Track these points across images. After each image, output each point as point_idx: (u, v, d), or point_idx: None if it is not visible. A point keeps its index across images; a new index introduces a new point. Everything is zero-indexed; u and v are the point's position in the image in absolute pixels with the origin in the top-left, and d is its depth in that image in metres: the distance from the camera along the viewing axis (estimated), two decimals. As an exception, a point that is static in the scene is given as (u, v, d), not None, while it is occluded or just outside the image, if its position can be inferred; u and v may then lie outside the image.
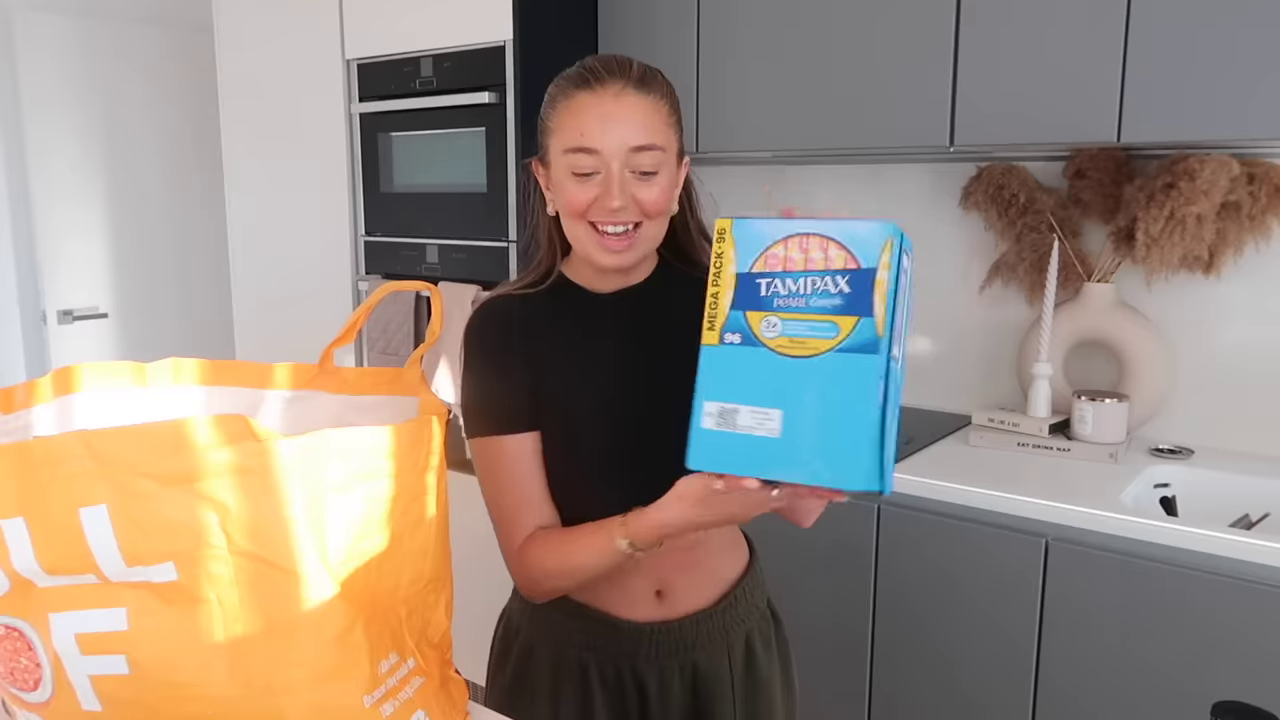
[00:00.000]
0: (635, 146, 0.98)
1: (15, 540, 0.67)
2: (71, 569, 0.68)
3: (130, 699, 0.71)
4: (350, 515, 0.76)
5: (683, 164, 1.08)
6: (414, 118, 2.33)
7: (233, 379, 0.94)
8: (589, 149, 0.98)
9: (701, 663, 1.12)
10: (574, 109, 1.00)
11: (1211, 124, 1.57)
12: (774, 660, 1.19)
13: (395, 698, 0.80)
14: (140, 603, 0.69)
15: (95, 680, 0.71)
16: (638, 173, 0.99)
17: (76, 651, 0.70)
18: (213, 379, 0.93)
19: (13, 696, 0.75)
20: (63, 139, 3.02)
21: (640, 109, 0.99)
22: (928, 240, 2.21)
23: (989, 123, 1.77)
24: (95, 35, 3.05)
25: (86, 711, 0.72)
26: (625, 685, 1.10)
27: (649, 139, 0.99)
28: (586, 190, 1.00)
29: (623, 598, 1.10)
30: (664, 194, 1.01)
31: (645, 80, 1.01)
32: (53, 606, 0.70)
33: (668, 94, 1.03)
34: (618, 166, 0.98)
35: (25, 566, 0.67)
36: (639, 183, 1.00)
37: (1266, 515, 1.66)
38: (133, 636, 0.69)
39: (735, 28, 2.05)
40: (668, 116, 1.02)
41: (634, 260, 1.05)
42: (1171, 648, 1.48)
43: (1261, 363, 1.85)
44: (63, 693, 0.72)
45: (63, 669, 0.71)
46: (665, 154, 1.01)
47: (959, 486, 1.66)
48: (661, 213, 1.03)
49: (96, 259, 3.14)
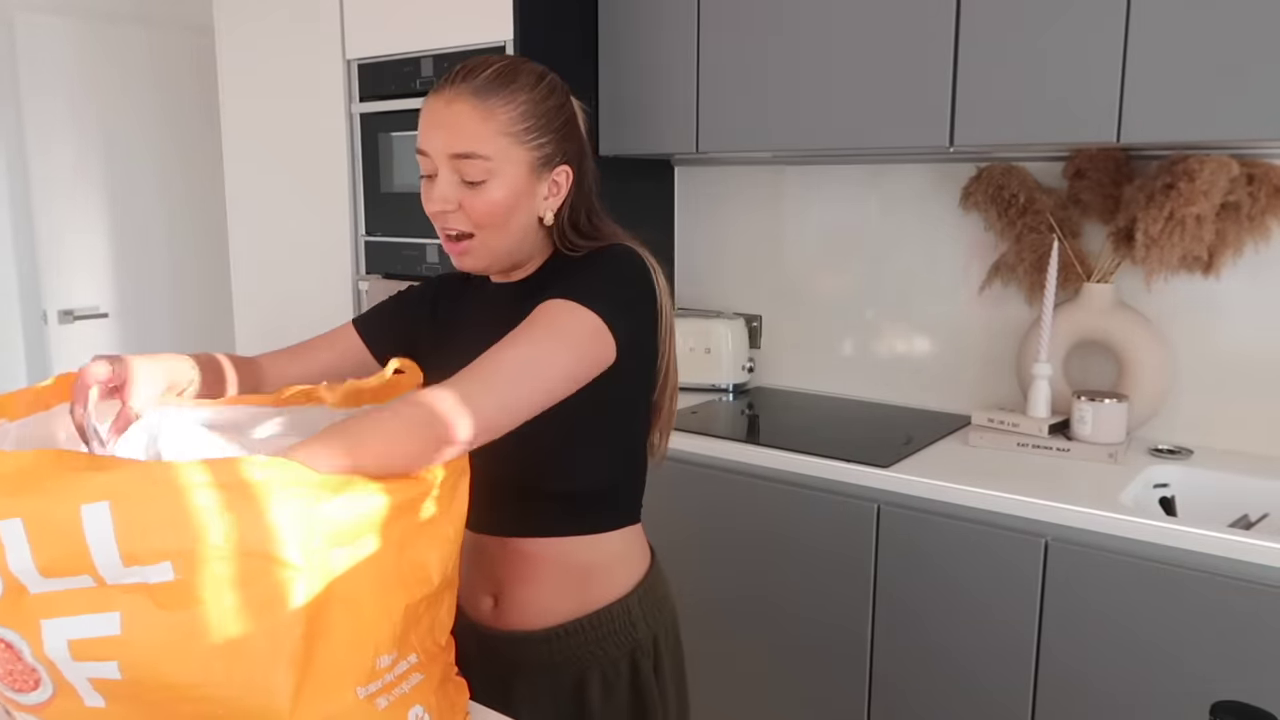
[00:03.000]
0: (455, 154, 0.99)
1: (12, 542, 0.67)
2: (67, 570, 0.68)
3: (131, 695, 0.71)
4: (351, 515, 0.76)
5: (557, 172, 1.05)
6: (414, 118, 2.31)
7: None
8: (421, 150, 1.02)
9: (519, 689, 1.09)
10: (422, 111, 1.03)
11: (1211, 124, 1.57)
12: (616, 713, 1.09)
13: (390, 693, 0.80)
14: (134, 606, 0.69)
15: (95, 682, 0.71)
16: (465, 181, 1.00)
17: (68, 658, 0.70)
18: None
19: (9, 700, 0.75)
20: (63, 139, 3.02)
21: (466, 117, 0.98)
22: (928, 240, 2.21)
23: (989, 123, 1.77)
24: (95, 36, 3.05)
25: (90, 708, 0.72)
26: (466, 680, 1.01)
27: (468, 147, 0.98)
28: (427, 193, 1.03)
29: (467, 592, 1.11)
30: (493, 205, 1.00)
31: (489, 87, 0.99)
32: (44, 613, 0.69)
33: (523, 101, 1.01)
34: (444, 170, 1.00)
35: (21, 568, 0.67)
36: (467, 190, 1.00)
37: (1266, 515, 1.66)
38: (125, 641, 0.69)
39: (735, 28, 2.06)
40: (507, 125, 0.99)
41: (477, 266, 1.06)
42: (1171, 648, 1.48)
43: (1261, 363, 1.85)
44: (64, 691, 0.72)
45: (60, 674, 0.71)
46: (492, 163, 0.99)
47: (959, 486, 1.66)
48: (494, 224, 1.02)
49: (97, 259, 3.14)
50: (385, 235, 2.46)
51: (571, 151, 1.07)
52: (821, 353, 2.42)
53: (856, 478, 1.77)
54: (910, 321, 2.28)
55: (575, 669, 1.08)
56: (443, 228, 1.04)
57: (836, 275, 2.37)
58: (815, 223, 2.39)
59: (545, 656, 1.08)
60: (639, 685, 1.10)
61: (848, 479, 1.78)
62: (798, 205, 2.41)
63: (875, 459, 1.79)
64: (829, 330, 2.40)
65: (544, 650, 1.08)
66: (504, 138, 1.00)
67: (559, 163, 1.05)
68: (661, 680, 1.12)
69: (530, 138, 1.02)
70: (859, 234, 2.32)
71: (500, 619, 1.10)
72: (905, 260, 2.25)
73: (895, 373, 2.31)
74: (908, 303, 2.27)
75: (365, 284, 2.50)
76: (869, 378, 2.35)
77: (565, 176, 1.06)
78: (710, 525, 1.94)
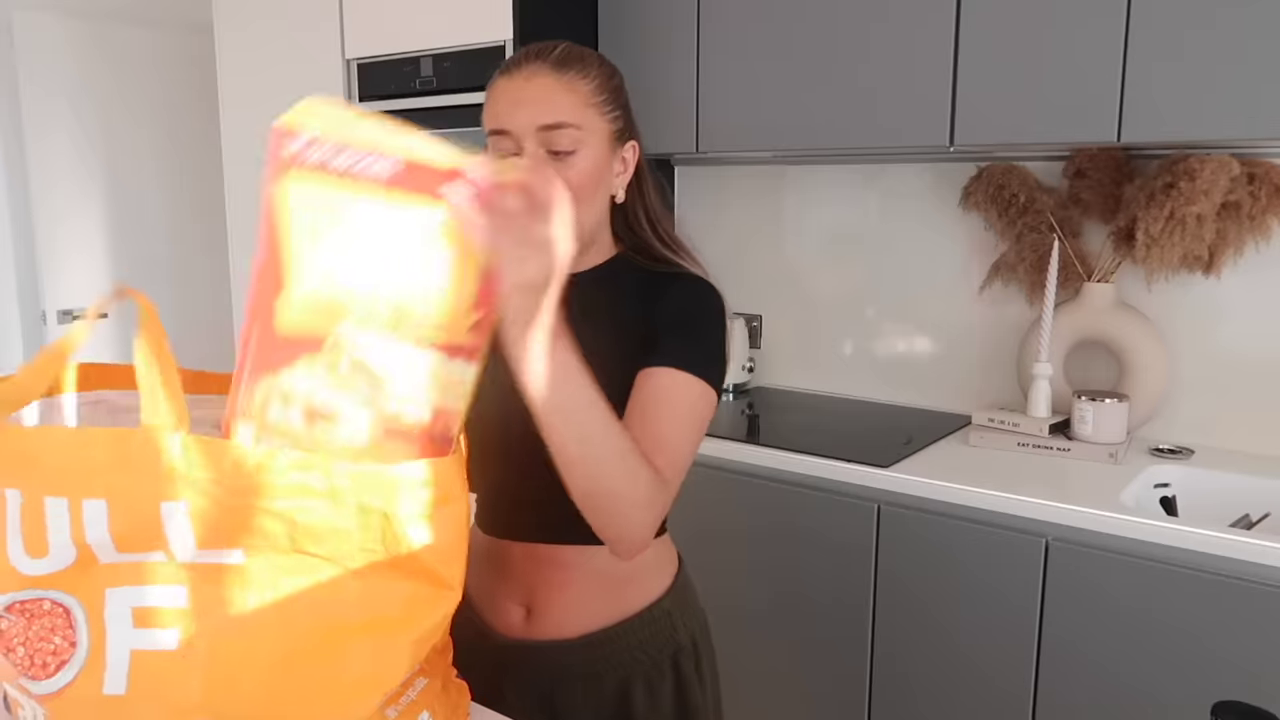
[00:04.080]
0: (544, 125, 0.98)
1: (93, 518, 0.69)
2: (142, 548, 0.70)
3: (162, 681, 0.72)
4: (401, 535, 0.76)
5: (626, 148, 1.06)
6: (414, 118, 2.32)
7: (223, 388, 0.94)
8: (501, 130, 1.00)
9: (561, 699, 1.08)
10: (494, 95, 1.02)
11: (1211, 124, 1.57)
12: (662, 716, 1.09)
13: (397, 703, 0.81)
14: (201, 583, 0.71)
15: (136, 657, 0.72)
16: (553, 152, 0.99)
17: (129, 623, 0.71)
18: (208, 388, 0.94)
19: (22, 689, 0.75)
20: (63, 139, 3.02)
21: (551, 89, 0.99)
22: (928, 240, 2.21)
23: (989, 123, 1.77)
24: (95, 36, 3.05)
25: (106, 696, 0.72)
26: (493, 700, 1.01)
27: (558, 117, 0.98)
28: None
29: (493, 607, 1.10)
30: (583, 175, 1.00)
31: (565, 61, 1.01)
32: (111, 582, 0.71)
33: (595, 75, 1.02)
34: (531, 146, 0.99)
35: (97, 540, 0.69)
36: (556, 163, 0.99)
37: (1267, 515, 1.66)
38: (190, 613, 0.71)
39: (735, 27, 2.05)
40: (589, 96, 1.01)
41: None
42: (1171, 648, 1.48)
43: (1262, 362, 1.85)
44: (88, 674, 0.72)
45: (102, 647, 0.72)
46: (582, 132, 1.00)
47: (959, 486, 1.66)
48: (583, 196, 1.00)
49: (96, 259, 3.14)
50: (385, 235, 2.46)
51: (635, 130, 1.08)
52: (821, 352, 2.42)
53: (857, 477, 1.77)
54: (910, 321, 2.28)
55: (618, 675, 1.08)
56: None
57: (837, 275, 2.37)
58: (815, 222, 2.39)
59: (586, 664, 1.07)
60: (682, 687, 1.10)
61: (848, 479, 1.78)
62: (798, 205, 2.41)
63: (875, 459, 1.79)
64: (829, 330, 2.40)
65: (584, 658, 1.07)
66: (588, 108, 1.01)
67: (628, 138, 1.06)
68: (703, 680, 1.13)
69: (608, 109, 1.03)
70: (859, 234, 2.32)
71: (534, 629, 1.08)
72: (905, 260, 2.25)
73: (895, 373, 2.31)
74: (908, 302, 2.27)
75: (365, 284, 2.50)
76: (869, 378, 2.35)
77: (633, 152, 1.07)
78: (710, 525, 1.94)
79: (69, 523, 0.69)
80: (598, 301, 1.04)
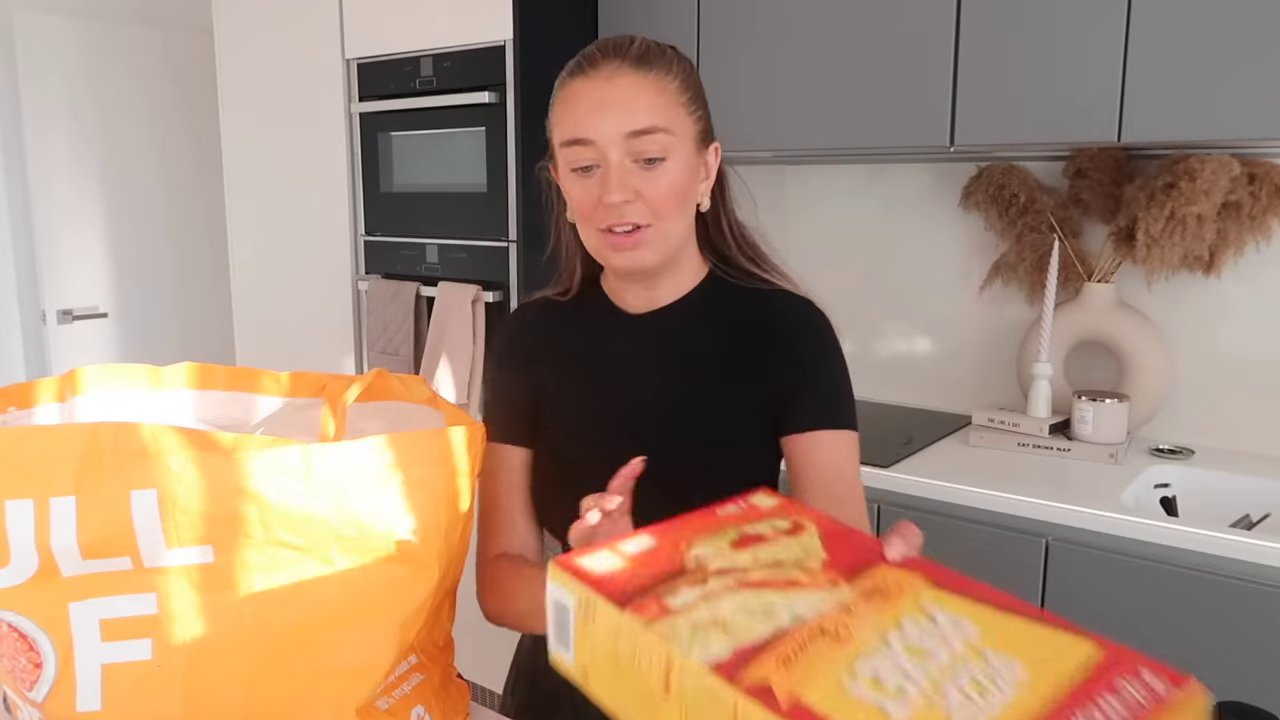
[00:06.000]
0: (633, 131, 0.88)
1: (60, 519, 0.67)
2: (109, 552, 0.69)
3: (140, 694, 0.71)
4: (377, 517, 0.76)
5: (709, 150, 0.98)
6: (414, 117, 2.32)
7: (240, 384, 0.94)
8: (582, 139, 0.90)
9: None
10: (568, 98, 0.92)
11: (1212, 124, 1.57)
12: None
13: (391, 695, 0.80)
14: (171, 587, 0.70)
15: (108, 671, 0.71)
16: (641, 161, 0.89)
17: (97, 639, 0.70)
18: (225, 384, 0.93)
19: (19, 694, 0.75)
20: (62, 138, 3.01)
21: (638, 89, 0.89)
22: (928, 240, 2.21)
23: (989, 123, 1.77)
24: (95, 35, 3.05)
25: (81, 713, 0.71)
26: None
27: (648, 121, 0.89)
28: (589, 189, 0.91)
29: None
30: (674, 186, 0.91)
31: (646, 58, 0.91)
32: (74, 596, 0.70)
33: (679, 71, 0.93)
34: (616, 156, 0.89)
35: (62, 547, 0.68)
36: (644, 174, 0.90)
37: (1267, 515, 1.66)
38: (161, 620, 0.70)
39: (736, 27, 2.05)
40: (676, 95, 0.92)
41: (650, 260, 0.94)
42: (1172, 648, 1.48)
43: (1262, 363, 1.85)
44: (58, 693, 0.71)
45: (70, 665, 0.71)
46: (673, 137, 0.90)
47: (959, 486, 1.66)
48: (675, 208, 0.92)
49: (96, 258, 3.14)
50: (385, 235, 2.46)
51: (713, 130, 0.99)
52: (822, 352, 2.41)
53: (857, 478, 1.76)
54: (910, 321, 2.28)
55: None
56: (614, 224, 0.91)
57: (837, 275, 2.37)
58: (815, 222, 2.39)
59: None
60: None
61: (848, 479, 1.77)
62: (798, 205, 2.41)
63: (875, 459, 1.78)
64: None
65: None
66: (677, 108, 0.92)
67: (711, 139, 0.98)
68: None
69: (693, 109, 0.94)
70: (859, 234, 2.32)
71: None
72: (906, 260, 2.25)
73: (895, 372, 2.31)
74: (908, 302, 2.27)
75: (365, 284, 2.50)
76: (869, 377, 2.35)
77: (715, 154, 0.99)
78: (710, 525, 1.94)
79: (34, 527, 0.67)
80: (696, 335, 0.99)
